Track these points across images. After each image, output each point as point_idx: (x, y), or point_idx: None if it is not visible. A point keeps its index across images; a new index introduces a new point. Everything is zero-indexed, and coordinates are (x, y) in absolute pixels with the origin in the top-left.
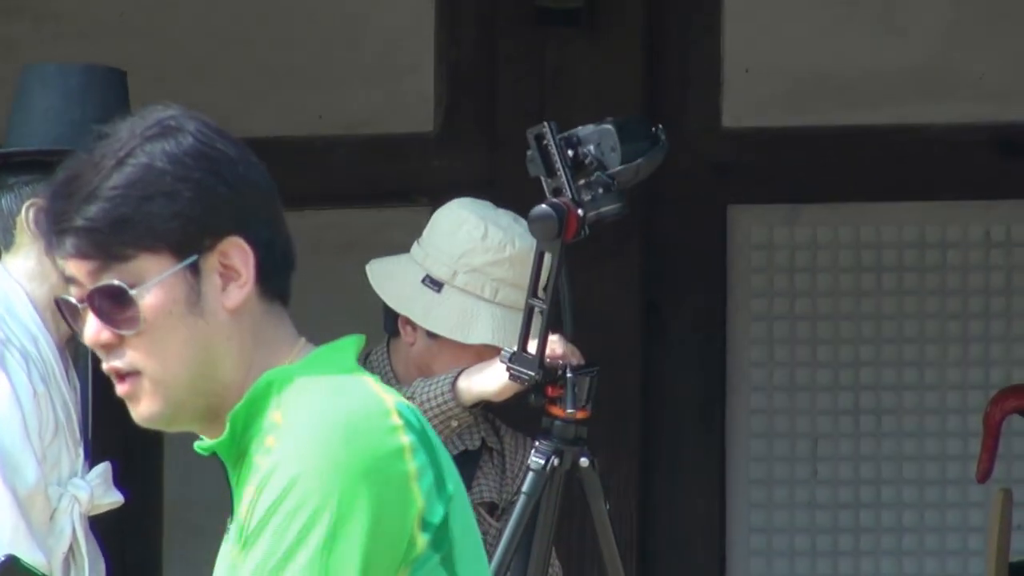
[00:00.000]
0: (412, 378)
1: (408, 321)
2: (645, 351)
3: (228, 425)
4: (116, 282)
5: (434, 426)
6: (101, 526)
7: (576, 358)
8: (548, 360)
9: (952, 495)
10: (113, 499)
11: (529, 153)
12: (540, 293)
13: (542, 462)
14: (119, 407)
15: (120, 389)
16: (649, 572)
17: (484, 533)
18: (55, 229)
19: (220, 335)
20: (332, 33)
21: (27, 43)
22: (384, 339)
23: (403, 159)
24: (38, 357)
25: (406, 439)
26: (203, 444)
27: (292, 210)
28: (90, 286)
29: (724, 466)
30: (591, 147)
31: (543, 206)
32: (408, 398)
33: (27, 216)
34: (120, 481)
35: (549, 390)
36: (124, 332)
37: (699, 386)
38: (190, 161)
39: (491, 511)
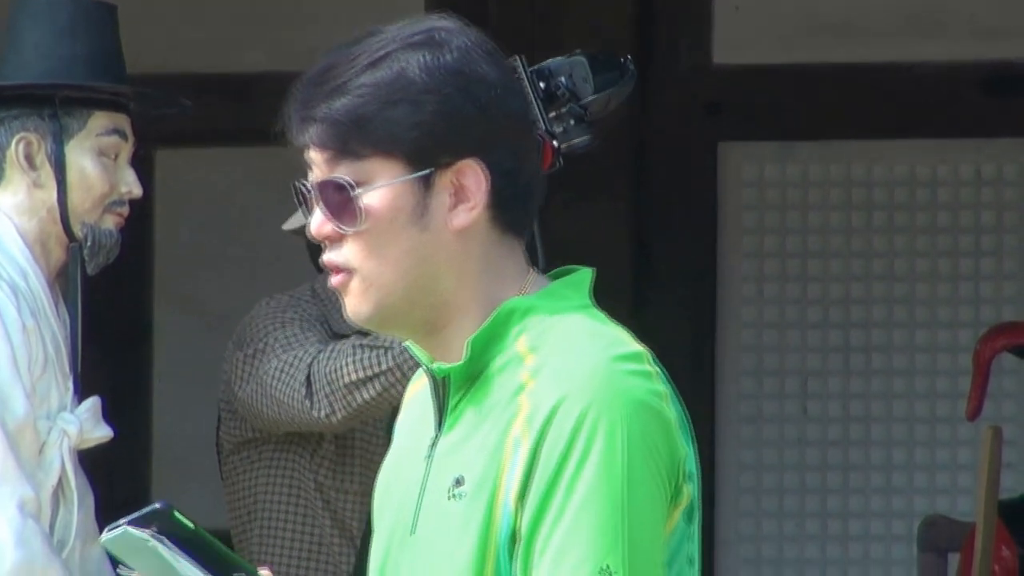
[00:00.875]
0: None
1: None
2: (635, 288)
3: (468, 349)
4: (343, 178)
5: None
6: (90, 460)
7: None
8: None
9: (942, 433)
10: (102, 433)
11: None
12: None
13: None
14: (107, 342)
15: (333, 280)
16: None
17: None
18: (300, 115)
19: (441, 252)
20: None
21: None
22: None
23: None
24: (27, 291)
25: (663, 388)
26: (442, 367)
27: (281, 146)
28: (323, 177)
29: (714, 403)
30: (563, 79)
31: None
32: (385, 347)
33: (17, 150)
34: (109, 416)
35: None
36: (344, 228)
37: (689, 323)
38: (443, 75)
39: None
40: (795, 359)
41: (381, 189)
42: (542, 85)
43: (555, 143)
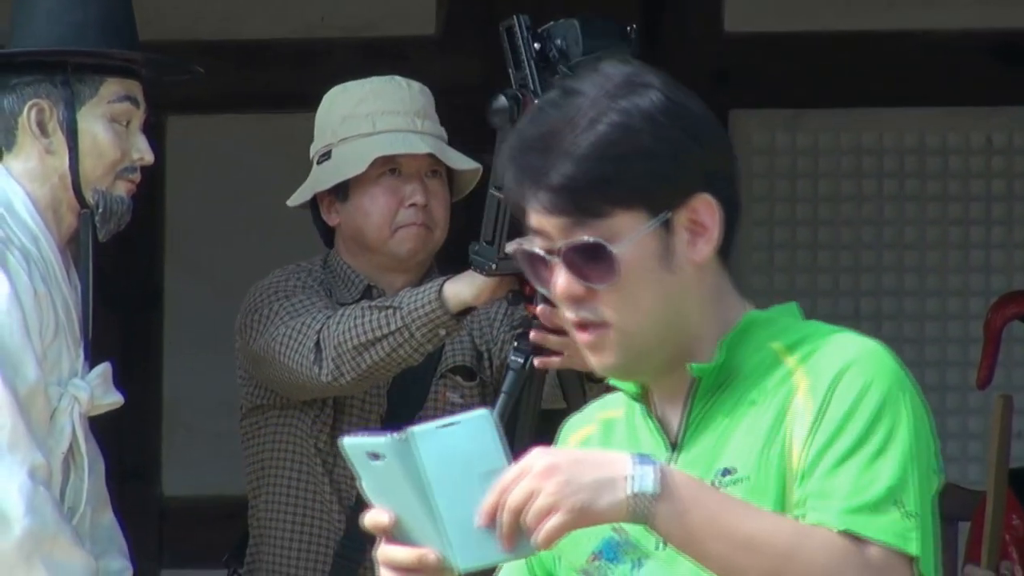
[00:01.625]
0: (361, 262)
1: (328, 207)
2: None
3: (722, 351)
4: (593, 239)
5: (422, 335)
6: (100, 427)
7: None
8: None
9: (952, 401)
10: (113, 399)
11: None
12: (499, 183)
13: (521, 361)
14: (118, 308)
15: (583, 338)
16: None
17: (460, 397)
18: (529, 184)
19: (687, 289)
20: None
21: None
22: (333, 250)
23: (404, 61)
24: (39, 257)
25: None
26: (698, 366)
27: (291, 112)
28: (561, 241)
29: None
30: (557, 41)
31: (499, 94)
32: (393, 307)
33: (29, 117)
34: (119, 382)
35: (526, 289)
36: (597, 286)
37: None
38: (664, 119)
39: (468, 376)
40: None
41: (631, 243)
42: (537, 46)
43: (536, 102)
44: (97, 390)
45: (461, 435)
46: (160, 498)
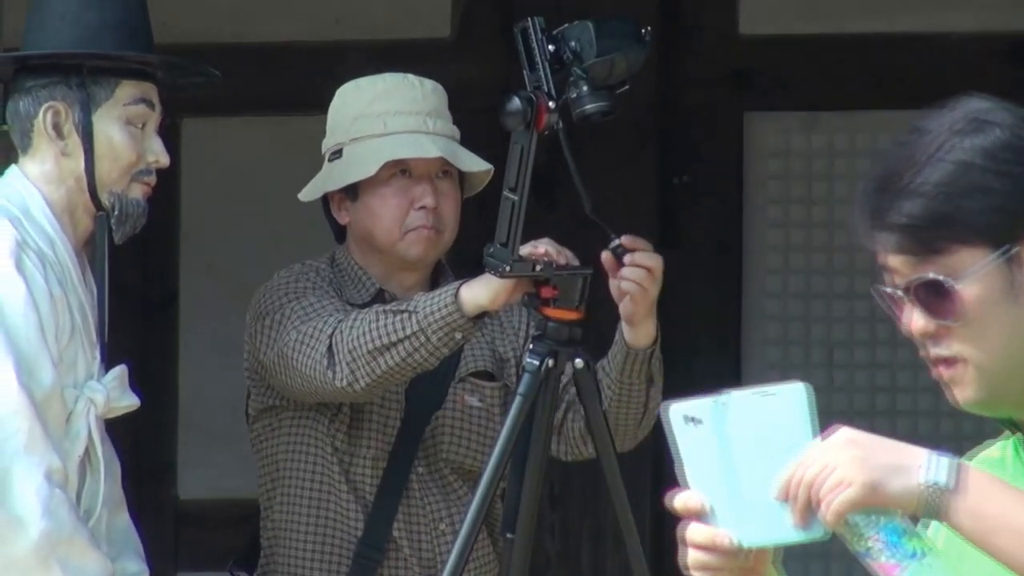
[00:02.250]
0: (370, 261)
1: (338, 205)
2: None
3: None
4: (936, 276)
5: (438, 339)
6: (117, 429)
7: (563, 258)
8: (531, 256)
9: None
10: (129, 402)
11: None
12: (514, 184)
13: (537, 363)
14: (134, 311)
15: (942, 374)
16: (661, 483)
17: (479, 400)
18: (872, 224)
19: None
20: None
21: None
22: (343, 247)
23: (419, 64)
24: (55, 260)
25: None
26: None
27: (307, 114)
28: (907, 278)
29: (739, 373)
30: (572, 42)
31: (513, 96)
32: (408, 311)
33: (44, 119)
34: (136, 384)
35: (541, 291)
36: (947, 323)
37: (715, 293)
38: (1005, 155)
39: (488, 379)
40: (821, 329)
41: (974, 278)
42: (551, 48)
43: (551, 103)
44: (113, 393)
45: (776, 405)
46: (176, 500)
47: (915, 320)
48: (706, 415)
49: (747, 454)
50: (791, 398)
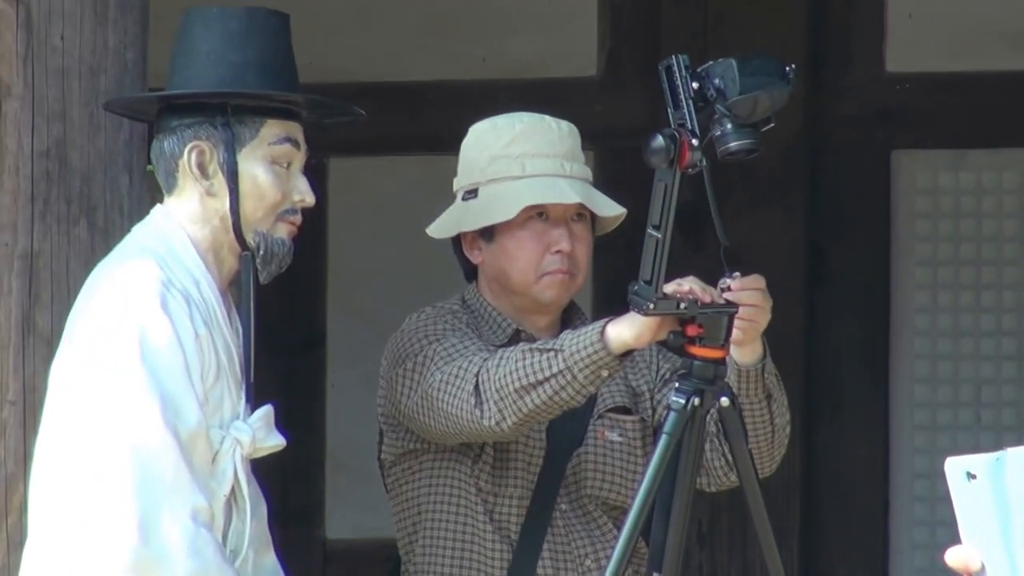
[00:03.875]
0: (503, 302)
1: (471, 244)
2: (809, 296)
3: None
4: None
5: (585, 377)
6: (263, 470)
7: (707, 296)
8: (677, 294)
9: None
10: (275, 442)
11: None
12: (658, 222)
13: (682, 401)
14: (281, 351)
15: None
16: (812, 516)
17: (619, 435)
18: None
19: None
20: None
21: None
22: (472, 287)
23: (566, 103)
24: (200, 300)
25: None
26: None
27: (453, 153)
28: None
29: (888, 411)
30: (716, 80)
31: (657, 134)
32: (555, 350)
33: (189, 159)
34: (282, 425)
35: (687, 330)
36: None
37: (863, 331)
38: None
39: (626, 413)
40: (969, 367)
41: None
42: (695, 85)
43: (694, 141)
44: (259, 433)
45: None
46: (323, 541)
47: None
48: (984, 470)
49: None
50: None
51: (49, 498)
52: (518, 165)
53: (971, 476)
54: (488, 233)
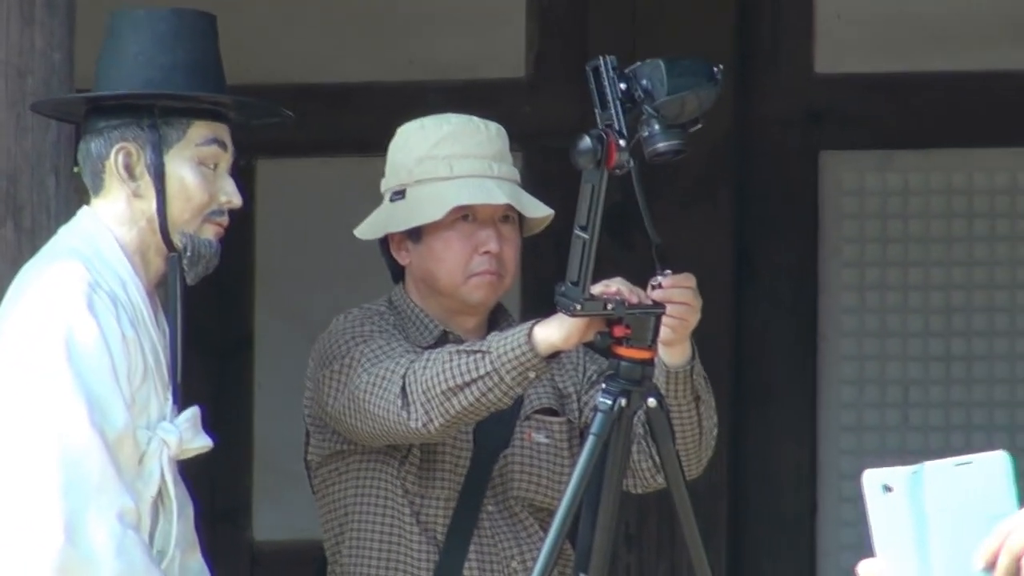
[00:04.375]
0: (430, 303)
1: (398, 245)
2: (736, 297)
3: None
4: None
5: (512, 379)
6: (191, 470)
7: (635, 297)
8: (604, 295)
9: None
10: (202, 443)
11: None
12: (585, 223)
13: (609, 402)
14: (208, 352)
15: None
16: (739, 517)
17: (546, 437)
18: None
19: None
20: None
21: None
22: (399, 288)
23: (494, 104)
24: (127, 301)
25: None
26: None
27: (382, 155)
28: None
29: (815, 412)
30: (643, 81)
31: (584, 135)
32: (482, 352)
33: (116, 160)
34: (210, 426)
35: (614, 330)
36: None
37: (790, 332)
38: None
39: (553, 415)
40: (896, 368)
41: None
42: (623, 86)
43: (621, 142)
44: (186, 434)
45: (974, 474)
46: (251, 542)
47: None
48: (901, 483)
49: (943, 525)
50: (991, 466)
51: None
52: (446, 166)
53: (888, 489)
54: (416, 234)
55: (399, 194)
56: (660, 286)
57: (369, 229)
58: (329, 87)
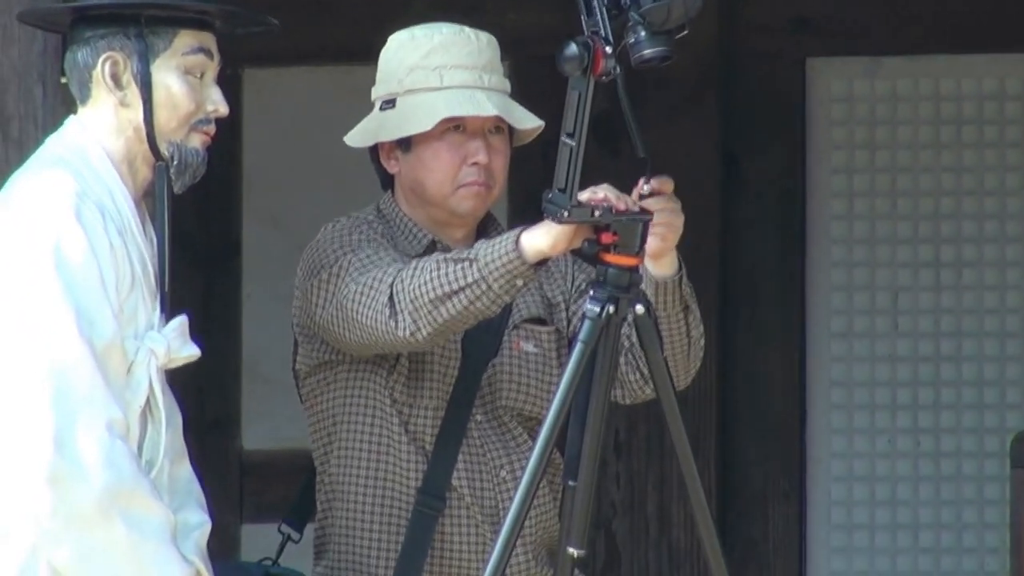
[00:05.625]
0: (419, 212)
1: (388, 154)
2: (724, 203)
3: None
4: None
5: (500, 286)
6: (179, 380)
7: (622, 204)
8: (591, 202)
9: None
10: (190, 352)
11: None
12: (572, 130)
13: (597, 309)
14: (196, 261)
15: None
16: (728, 424)
17: (535, 346)
18: None
19: None
20: None
21: None
22: (388, 196)
23: (479, 12)
24: (114, 210)
25: None
26: None
27: (368, 64)
28: None
29: (804, 319)
30: None
31: (570, 42)
32: (469, 259)
33: (103, 69)
34: (198, 334)
35: (601, 237)
36: None
37: (779, 239)
38: None
39: (541, 324)
40: (886, 275)
41: None
42: None
43: (607, 48)
44: (174, 343)
45: None
46: (240, 451)
47: None
48: None
49: None
50: None
51: None
52: (436, 76)
53: None
54: (405, 144)
55: (389, 103)
56: (647, 195)
57: (359, 137)
58: None
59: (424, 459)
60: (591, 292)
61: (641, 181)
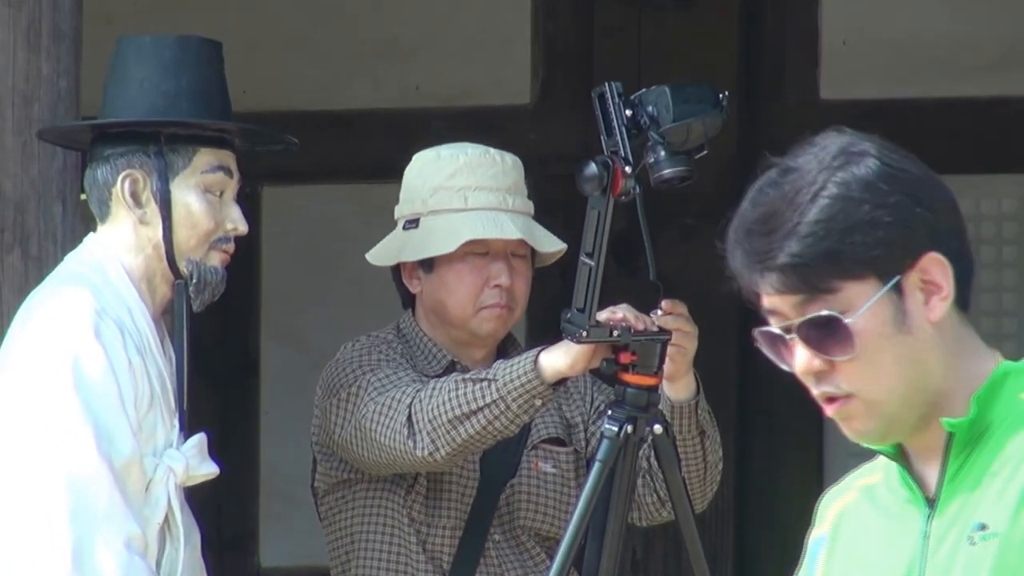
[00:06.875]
0: (439, 333)
1: (410, 273)
2: (741, 321)
3: (974, 406)
4: (829, 312)
5: (518, 406)
6: (198, 497)
7: (641, 323)
8: (610, 322)
9: None
10: (208, 470)
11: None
12: (591, 250)
13: (615, 429)
14: (215, 379)
15: (830, 410)
16: (746, 542)
17: (553, 466)
18: (756, 267)
19: (928, 348)
20: (430, 4)
21: (122, 15)
22: (408, 315)
23: (499, 131)
24: (133, 328)
25: None
26: (950, 421)
27: (386, 181)
28: (796, 318)
29: (821, 439)
30: (649, 107)
31: (590, 161)
32: (488, 380)
33: (122, 187)
34: (216, 452)
35: (620, 357)
36: (837, 358)
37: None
38: (884, 186)
39: (559, 444)
40: None
41: (864, 312)
42: (628, 113)
43: (627, 169)
44: (192, 461)
45: None
46: (258, 568)
47: (803, 360)
48: None
49: None
50: None
51: None
52: (460, 198)
53: None
54: (428, 264)
55: (413, 223)
56: (665, 314)
57: (381, 255)
58: (334, 114)
59: None
60: (609, 412)
61: (660, 302)
